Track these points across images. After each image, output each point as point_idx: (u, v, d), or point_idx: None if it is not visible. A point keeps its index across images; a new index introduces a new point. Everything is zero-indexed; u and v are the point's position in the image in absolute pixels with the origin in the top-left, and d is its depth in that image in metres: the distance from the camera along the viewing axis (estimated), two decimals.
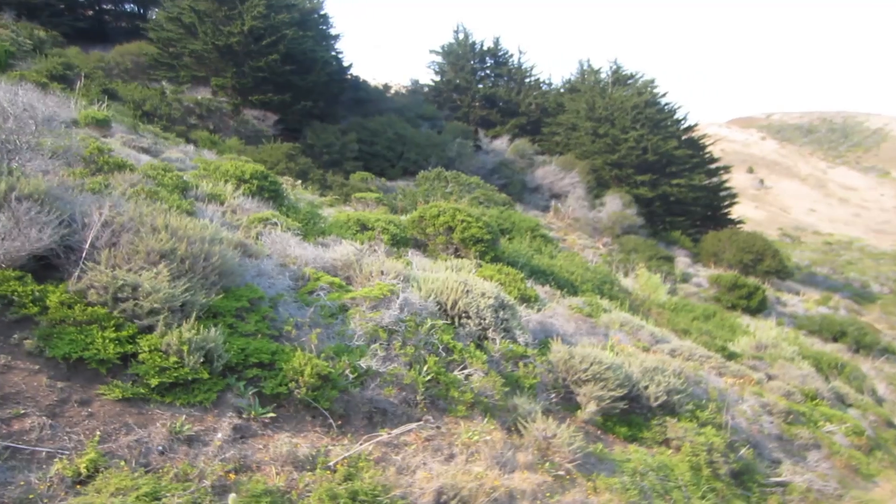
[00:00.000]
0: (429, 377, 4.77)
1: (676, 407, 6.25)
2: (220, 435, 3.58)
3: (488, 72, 38.81)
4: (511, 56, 39.08)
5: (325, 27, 27.89)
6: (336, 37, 28.79)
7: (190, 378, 3.70)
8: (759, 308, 20.00)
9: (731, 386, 7.93)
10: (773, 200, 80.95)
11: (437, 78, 38.60)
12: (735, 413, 6.92)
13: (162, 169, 7.58)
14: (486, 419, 4.85)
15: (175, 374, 3.64)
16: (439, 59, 38.35)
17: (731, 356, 10.40)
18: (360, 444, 4.00)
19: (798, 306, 24.46)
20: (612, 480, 4.88)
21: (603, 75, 36.89)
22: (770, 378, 9.94)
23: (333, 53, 28.39)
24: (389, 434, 4.20)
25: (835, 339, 19.40)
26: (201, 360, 3.74)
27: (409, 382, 4.67)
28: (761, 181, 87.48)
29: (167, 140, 14.77)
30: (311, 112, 24.99)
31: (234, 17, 22.85)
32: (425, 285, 6.05)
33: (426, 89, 39.01)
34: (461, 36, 37.85)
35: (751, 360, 10.79)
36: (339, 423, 4.15)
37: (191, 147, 15.02)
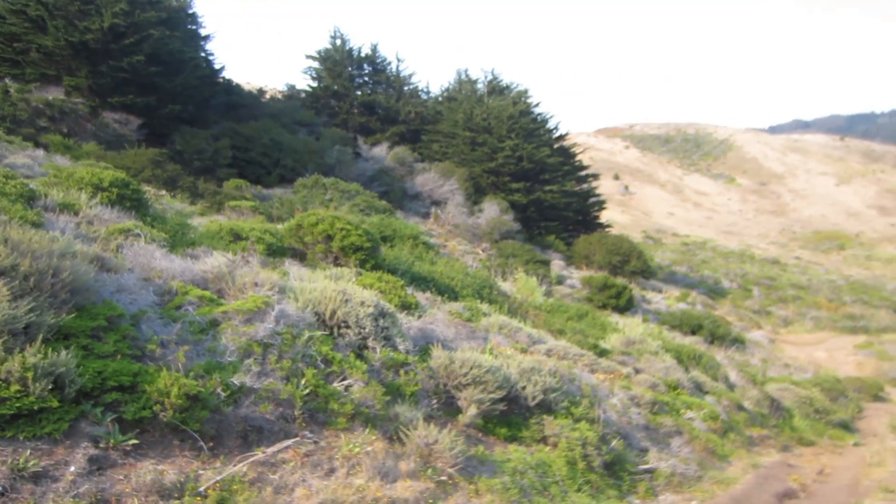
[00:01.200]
0: (307, 390, 4.64)
1: (553, 405, 6.49)
2: (73, 468, 3.27)
3: (367, 79, 38.62)
4: (389, 63, 39.15)
5: (194, 27, 26.56)
6: (206, 37, 27.51)
7: (36, 408, 3.35)
8: (626, 306, 21.26)
9: (602, 381, 8.36)
10: (637, 205, 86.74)
11: (315, 84, 37.90)
12: (606, 407, 7.30)
13: (3, 176, 6.87)
14: (367, 430, 4.79)
15: (17, 405, 3.28)
16: (316, 64, 37.67)
17: (603, 353, 10.97)
18: (234, 466, 3.81)
19: (661, 303, 26.28)
20: (493, 481, 4.97)
21: (479, 85, 37.87)
22: (637, 371, 10.58)
23: (203, 55, 27.09)
24: (265, 453, 4.02)
25: (693, 332, 20.99)
26: (50, 387, 3.40)
27: (287, 397, 4.51)
28: (626, 187, 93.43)
29: (11, 144, 13.43)
30: (179, 116, 23.67)
31: (91, 12, 21.19)
32: (303, 296, 5.88)
33: (303, 95, 38.18)
34: (338, 41, 37.40)
35: (620, 355, 11.44)
36: (211, 444, 3.92)
37: (40, 152, 13.73)
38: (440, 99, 39.75)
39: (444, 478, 4.70)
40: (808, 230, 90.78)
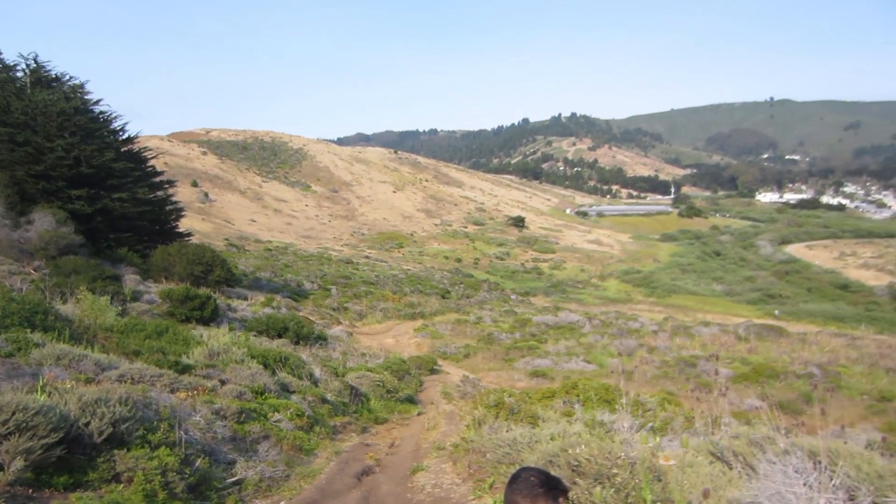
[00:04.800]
0: None
1: (126, 436, 5.83)
2: None
3: None
4: None
5: None
6: None
7: None
8: (212, 317, 20.66)
9: (184, 400, 7.90)
10: (218, 213, 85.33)
11: None
12: (189, 426, 6.91)
13: None
14: None
15: None
16: None
17: (185, 369, 10.39)
18: None
19: (247, 310, 26.32)
20: None
21: (20, 73, 31.93)
22: (223, 383, 10.33)
23: None
24: None
25: (279, 335, 21.55)
26: None
27: None
28: (206, 195, 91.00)
29: None
30: None
31: None
32: None
33: None
34: None
35: (205, 369, 11.01)
36: None
37: None
38: None
39: None
40: (374, 232, 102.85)
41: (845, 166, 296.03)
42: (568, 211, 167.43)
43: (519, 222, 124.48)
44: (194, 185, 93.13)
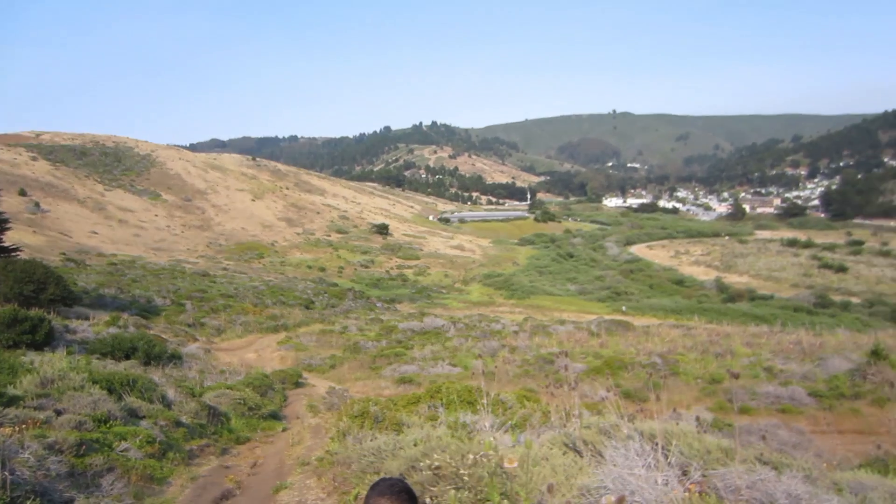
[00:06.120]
0: None
1: None
2: None
3: None
4: None
5: None
6: None
7: None
8: (46, 341, 18.76)
9: (9, 436, 7.06)
10: (53, 224, 77.64)
11: None
12: (15, 466, 6.19)
13: None
14: None
15: None
16: None
17: (12, 401, 9.31)
18: None
19: (88, 331, 24.16)
20: None
21: None
22: (59, 413, 9.38)
23: None
24: None
25: (127, 357, 19.96)
26: None
27: None
28: (37, 204, 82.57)
29: None
30: None
31: None
32: None
33: None
34: None
35: (36, 399, 9.93)
36: None
37: None
38: None
39: None
40: (232, 242, 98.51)
41: (677, 173, 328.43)
42: (431, 217, 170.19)
43: (383, 229, 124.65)
44: (22, 193, 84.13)
